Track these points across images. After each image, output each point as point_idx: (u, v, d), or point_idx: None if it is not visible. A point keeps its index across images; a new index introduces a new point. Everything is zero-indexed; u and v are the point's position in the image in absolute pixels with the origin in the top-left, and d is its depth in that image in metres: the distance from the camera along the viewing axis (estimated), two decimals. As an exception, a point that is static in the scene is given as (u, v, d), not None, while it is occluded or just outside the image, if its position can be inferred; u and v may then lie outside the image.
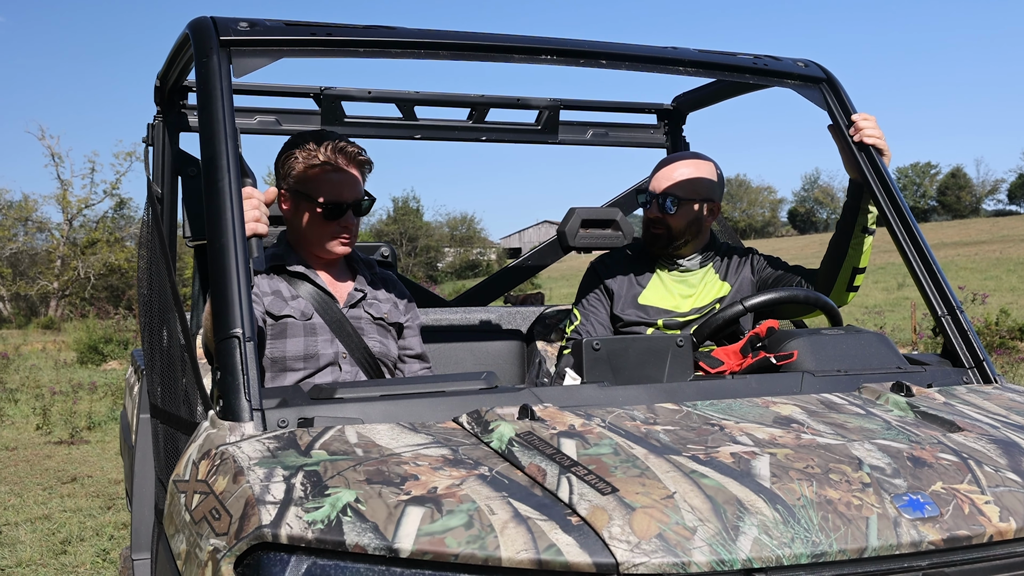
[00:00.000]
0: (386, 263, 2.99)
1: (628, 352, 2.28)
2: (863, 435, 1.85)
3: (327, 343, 2.59)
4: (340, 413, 1.87)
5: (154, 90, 3.05)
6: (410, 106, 3.51)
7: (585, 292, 3.15)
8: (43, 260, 35.34)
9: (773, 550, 1.48)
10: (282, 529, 1.47)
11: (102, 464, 7.93)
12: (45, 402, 10.83)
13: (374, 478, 1.57)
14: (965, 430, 1.92)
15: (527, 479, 1.61)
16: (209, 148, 2.08)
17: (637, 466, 1.63)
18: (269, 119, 3.48)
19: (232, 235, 1.98)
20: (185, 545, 1.68)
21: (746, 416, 1.94)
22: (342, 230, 2.65)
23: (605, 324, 3.08)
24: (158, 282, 2.46)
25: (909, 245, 2.56)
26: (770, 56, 2.80)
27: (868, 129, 2.69)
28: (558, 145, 3.73)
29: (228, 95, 2.15)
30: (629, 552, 1.43)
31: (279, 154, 2.70)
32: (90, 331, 17.48)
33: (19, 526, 5.93)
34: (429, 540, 1.44)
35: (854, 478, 1.65)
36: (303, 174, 2.63)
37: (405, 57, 2.37)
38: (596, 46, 2.54)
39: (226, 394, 1.86)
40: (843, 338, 2.42)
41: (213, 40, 2.20)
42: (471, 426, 1.84)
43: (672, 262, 3.13)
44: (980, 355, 2.44)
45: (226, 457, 1.70)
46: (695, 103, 3.80)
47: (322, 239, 2.65)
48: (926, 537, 1.57)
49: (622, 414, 1.91)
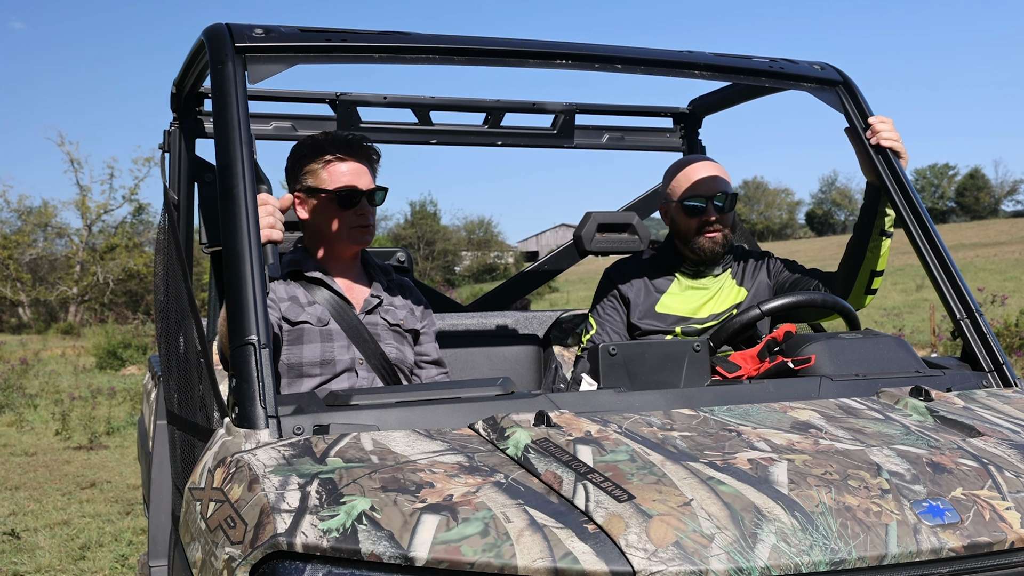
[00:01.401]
0: (402, 268, 2.99)
1: (645, 357, 2.27)
2: (882, 440, 1.84)
3: (344, 349, 2.59)
4: (355, 420, 1.87)
5: (170, 96, 3.06)
6: (425, 111, 3.51)
7: (601, 300, 3.13)
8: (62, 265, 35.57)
9: (791, 558, 1.47)
10: (297, 538, 1.46)
11: (121, 469, 7.97)
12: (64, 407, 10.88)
13: (389, 486, 1.57)
14: (985, 435, 1.90)
15: (543, 486, 1.60)
16: (224, 154, 2.09)
17: (654, 473, 1.62)
18: (285, 125, 3.49)
19: (247, 242, 1.98)
20: (201, 553, 1.68)
21: (763, 422, 1.92)
22: (359, 219, 2.65)
23: (621, 333, 3.06)
24: (174, 288, 2.46)
25: (927, 248, 2.54)
26: (786, 59, 2.79)
27: (885, 132, 2.68)
28: (574, 149, 3.72)
29: (243, 101, 2.16)
30: (646, 560, 1.42)
31: (288, 161, 2.71)
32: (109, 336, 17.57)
33: (38, 531, 5.96)
34: (445, 548, 1.43)
35: (873, 484, 1.64)
36: (313, 170, 2.65)
37: (420, 63, 2.37)
38: (611, 50, 2.53)
39: (241, 401, 1.86)
40: (861, 342, 2.40)
41: (228, 47, 2.21)
42: (487, 433, 1.83)
43: (696, 268, 3.10)
44: (1000, 359, 2.42)
45: (241, 465, 1.70)
46: (711, 106, 3.79)
47: (340, 232, 2.65)
48: (946, 544, 1.55)
49: (638, 420, 1.90)
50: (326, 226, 2.67)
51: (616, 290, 3.11)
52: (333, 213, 2.65)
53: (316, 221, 2.68)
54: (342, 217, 2.65)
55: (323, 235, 2.69)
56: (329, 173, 2.64)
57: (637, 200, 3.82)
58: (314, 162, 2.66)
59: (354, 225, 2.66)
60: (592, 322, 3.10)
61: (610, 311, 3.09)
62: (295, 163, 2.70)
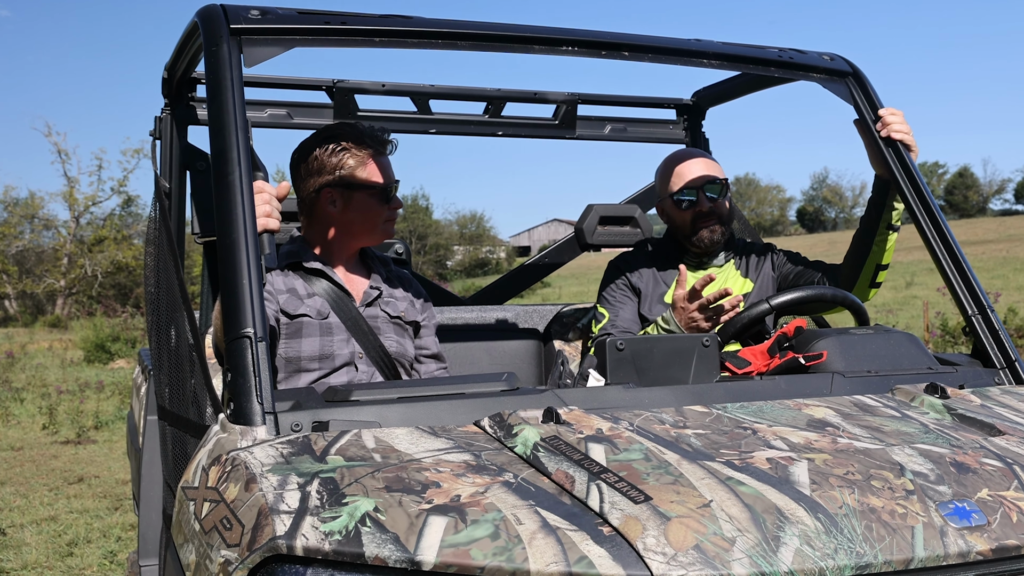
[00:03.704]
0: (401, 261, 2.92)
1: (653, 352, 2.21)
2: (901, 439, 1.77)
3: (343, 343, 2.52)
4: (356, 416, 1.80)
5: (162, 82, 2.97)
6: (425, 99, 3.43)
7: (611, 289, 3.08)
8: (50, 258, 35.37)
9: (816, 562, 1.40)
10: (297, 540, 1.39)
11: (109, 464, 7.87)
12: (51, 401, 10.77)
13: (394, 485, 1.50)
14: (1007, 434, 1.84)
15: (554, 486, 1.54)
16: (219, 140, 2.01)
17: (670, 473, 1.55)
18: (280, 112, 3.41)
19: (243, 231, 1.91)
20: (195, 556, 1.61)
21: (778, 419, 1.86)
22: (392, 213, 2.66)
23: (635, 320, 3.01)
24: (166, 280, 2.39)
25: (938, 243, 2.49)
26: (795, 49, 2.74)
27: (895, 124, 2.62)
28: (575, 140, 3.65)
29: (239, 85, 2.09)
30: (665, 565, 1.35)
31: (312, 152, 2.61)
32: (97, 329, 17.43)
33: (25, 527, 5.87)
34: (453, 552, 1.36)
35: (896, 485, 1.58)
36: (353, 164, 2.59)
37: (422, 47, 2.30)
38: (618, 37, 2.47)
39: (237, 397, 1.79)
40: (872, 338, 2.34)
41: (223, 28, 2.13)
42: (493, 430, 1.76)
43: (699, 260, 3.07)
44: (1012, 355, 2.37)
45: (237, 463, 1.62)
46: (715, 98, 3.73)
47: (375, 226, 2.64)
48: (974, 547, 1.49)
49: (650, 417, 1.83)
50: (363, 220, 2.61)
51: (626, 279, 3.07)
52: (375, 208, 2.61)
53: (351, 216, 2.60)
54: (381, 212, 2.62)
55: (352, 230, 2.62)
56: (374, 167, 2.61)
57: (639, 193, 3.76)
58: (354, 155, 2.60)
59: (388, 219, 2.65)
60: (603, 311, 3.05)
61: (622, 299, 3.04)
62: (327, 155, 2.59)
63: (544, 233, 75.89)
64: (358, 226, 2.62)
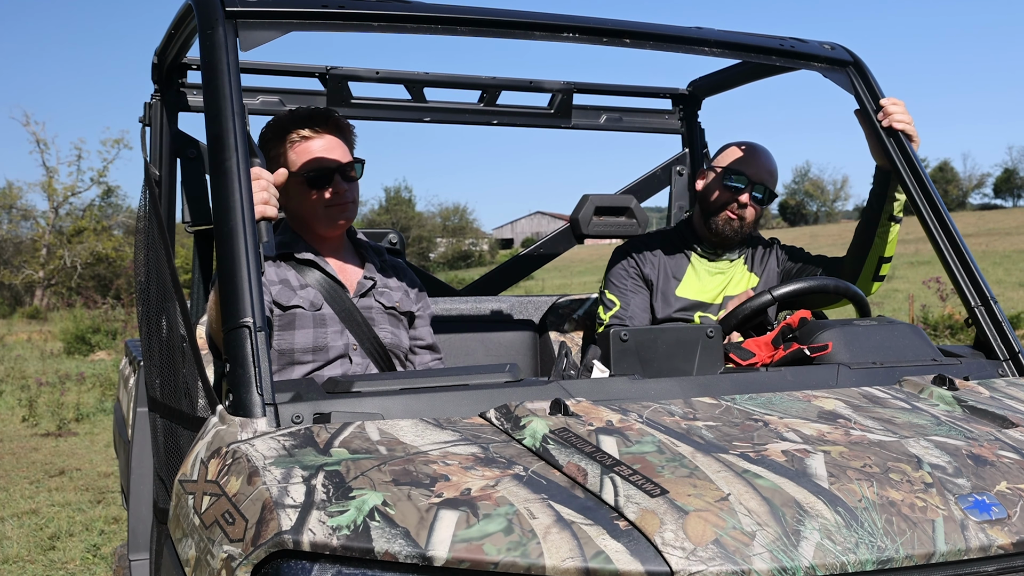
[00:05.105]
0: (395, 250, 2.87)
1: (657, 343, 2.17)
2: (915, 431, 1.75)
3: (337, 335, 2.47)
4: (358, 408, 1.75)
5: (152, 68, 2.91)
6: (419, 87, 3.38)
7: (622, 276, 3.03)
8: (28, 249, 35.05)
9: (837, 556, 1.37)
10: (304, 535, 1.34)
11: (91, 457, 7.78)
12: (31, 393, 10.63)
13: (401, 479, 1.45)
14: (1020, 425, 1.82)
15: (566, 480, 1.50)
16: (216, 126, 1.96)
17: (685, 465, 1.51)
18: (273, 99, 3.35)
19: (241, 218, 1.86)
20: (195, 551, 1.56)
21: (788, 411, 1.83)
22: (334, 197, 2.51)
23: (646, 310, 2.97)
24: (156, 269, 2.33)
25: (941, 234, 2.47)
26: (795, 38, 2.71)
27: (897, 114, 2.60)
28: (571, 129, 3.60)
29: (235, 69, 2.03)
30: (685, 560, 1.31)
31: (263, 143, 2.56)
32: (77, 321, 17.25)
33: (5, 521, 5.78)
34: (466, 547, 1.32)
35: (915, 478, 1.55)
36: (280, 153, 2.51)
37: (421, 32, 2.25)
38: (619, 24, 2.43)
39: (236, 388, 1.73)
40: (877, 329, 2.32)
41: (218, 11, 2.08)
42: (500, 422, 1.72)
43: (714, 250, 3.03)
44: (1015, 347, 2.36)
45: (238, 456, 1.57)
46: (711, 88, 3.69)
47: (316, 213, 2.52)
48: (995, 541, 1.46)
49: (659, 409, 1.79)
50: (302, 208, 2.53)
51: (638, 268, 3.03)
52: (304, 195, 2.50)
53: (292, 206, 2.55)
54: (315, 198, 2.50)
55: (300, 219, 2.56)
56: (297, 153, 2.50)
57: (635, 183, 3.72)
58: (280, 144, 2.51)
59: (329, 204, 2.51)
60: (613, 298, 3.00)
61: (633, 287, 3.00)
62: (262, 148, 2.54)
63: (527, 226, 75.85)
64: (305, 214, 2.54)
